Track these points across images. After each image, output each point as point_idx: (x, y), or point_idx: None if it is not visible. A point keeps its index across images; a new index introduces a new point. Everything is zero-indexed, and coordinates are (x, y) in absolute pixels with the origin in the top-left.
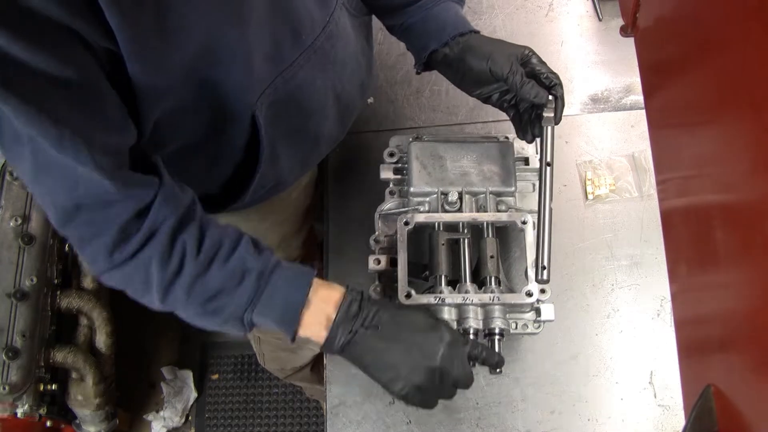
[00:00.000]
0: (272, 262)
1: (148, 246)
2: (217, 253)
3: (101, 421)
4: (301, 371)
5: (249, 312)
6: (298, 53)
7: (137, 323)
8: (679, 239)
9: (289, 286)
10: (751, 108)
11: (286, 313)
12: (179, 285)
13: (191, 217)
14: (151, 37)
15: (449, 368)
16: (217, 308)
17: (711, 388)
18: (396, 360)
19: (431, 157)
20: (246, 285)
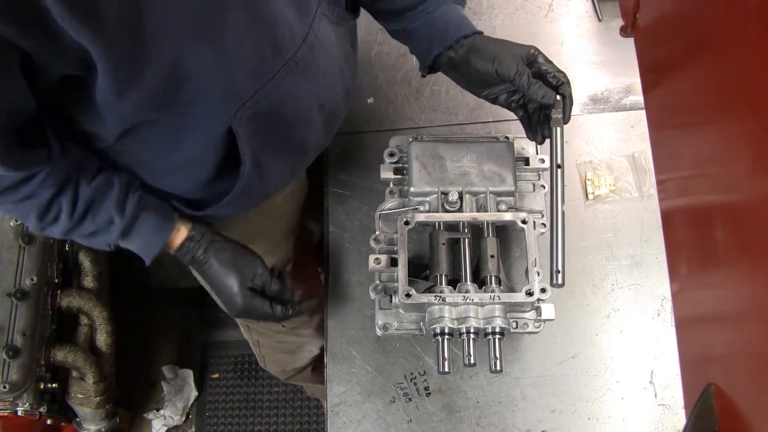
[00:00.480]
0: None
1: (27, 202)
2: (88, 211)
3: (101, 420)
4: (302, 372)
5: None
6: (279, 66)
7: (138, 322)
8: (679, 239)
9: (150, 238)
10: (751, 108)
11: (145, 252)
12: (54, 230)
13: (70, 180)
14: (122, 52)
15: (251, 314)
16: (87, 239)
17: (712, 387)
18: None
19: (431, 157)
20: (113, 233)
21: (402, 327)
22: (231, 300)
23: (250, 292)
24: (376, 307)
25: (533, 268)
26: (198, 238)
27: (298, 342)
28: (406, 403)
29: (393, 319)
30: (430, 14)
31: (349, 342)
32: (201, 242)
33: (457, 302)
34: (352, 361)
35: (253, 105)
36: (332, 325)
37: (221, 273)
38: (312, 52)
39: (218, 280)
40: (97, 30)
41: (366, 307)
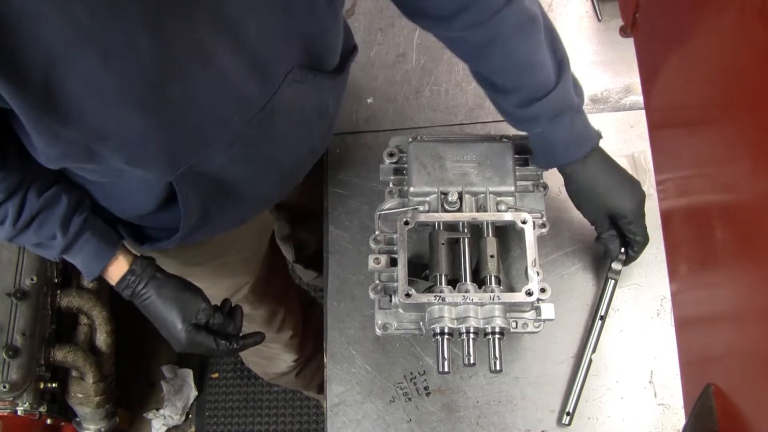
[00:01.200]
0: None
1: None
2: (31, 223)
3: (101, 420)
4: (284, 376)
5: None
6: (228, 136)
7: (137, 322)
8: (679, 239)
9: (90, 260)
10: (751, 108)
11: (86, 272)
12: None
13: (20, 188)
14: (41, 113)
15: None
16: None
17: (711, 387)
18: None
19: (431, 157)
20: (54, 248)
21: (402, 327)
22: (174, 336)
23: (193, 328)
24: (376, 307)
25: (533, 268)
26: (139, 272)
27: (271, 352)
28: (405, 402)
29: (392, 318)
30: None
31: (349, 342)
32: (142, 276)
33: (456, 302)
34: (352, 360)
35: (195, 167)
36: (332, 325)
37: (163, 310)
38: (271, 117)
39: (160, 316)
40: (17, 89)
41: (365, 306)
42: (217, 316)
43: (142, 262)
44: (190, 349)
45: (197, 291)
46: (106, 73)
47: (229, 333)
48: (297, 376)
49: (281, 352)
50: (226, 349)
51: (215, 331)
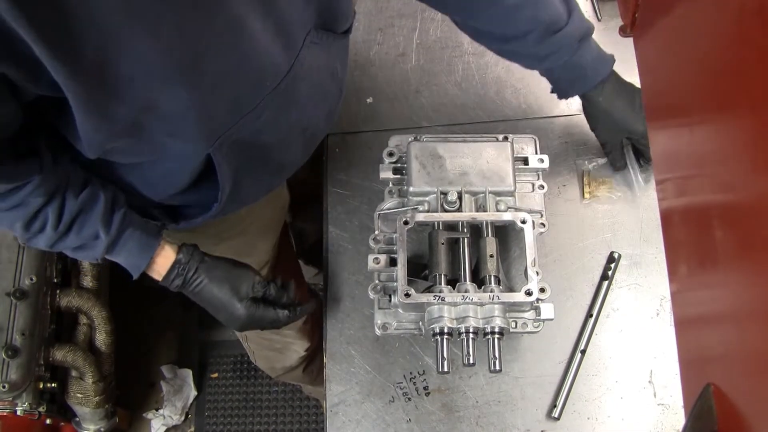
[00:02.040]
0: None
1: (14, 211)
2: (73, 224)
3: (101, 419)
4: (292, 371)
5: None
6: (259, 99)
7: (137, 322)
8: (678, 239)
9: (135, 254)
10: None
11: (131, 269)
12: (40, 241)
13: (58, 192)
14: (94, 92)
15: (256, 323)
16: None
17: (711, 387)
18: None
19: (430, 157)
20: (98, 247)
21: (401, 327)
22: (233, 315)
23: (251, 303)
24: (375, 307)
25: (532, 268)
26: (186, 259)
27: (283, 341)
28: (405, 402)
29: (392, 318)
30: (565, 62)
31: (349, 341)
32: (190, 263)
33: (456, 302)
34: (351, 360)
35: (234, 133)
36: (331, 325)
37: (218, 292)
38: (296, 82)
39: (216, 299)
40: (72, 69)
41: (365, 306)
42: (272, 287)
43: (188, 249)
44: (251, 325)
45: (247, 266)
46: (154, 47)
47: (285, 303)
48: (304, 371)
49: (294, 340)
50: (286, 318)
51: (272, 302)
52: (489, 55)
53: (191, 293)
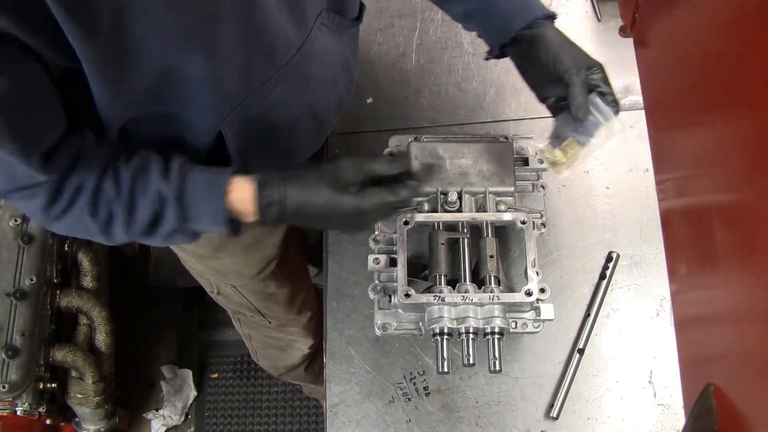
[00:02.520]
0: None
1: (76, 202)
2: (134, 192)
3: (101, 420)
4: (294, 370)
5: (184, 225)
6: (270, 74)
7: (137, 322)
8: (678, 239)
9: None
10: (751, 108)
11: (215, 221)
12: (117, 227)
13: (108, 167)
14: (110, 59)
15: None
16: (155, 232)
17: (711, 387)
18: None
19: (431, 157)
20: (169, 210)
21: (401, 327)
22: (345, 214)
23: (358, 189)
24: (375, 307)
25: (532, 269)
26: (267, 181)
27: (287, 339)
28: (405, 403)
29: (392, 319)
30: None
31: (348, 342)
32: (274, 183)
33: (456, 302)
34: (351, 360)
35: (243, 110)
36: (331, 325)
37: (316, 197)
38: (306, 61)
39: (318, 207)
40: (88, 34)
41: (365, 306)
42: (378, 162)
43: (264, 173)
44: (373, 217)
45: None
46: (168, 13)
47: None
48: (306, 369)
49: (299, 337)
50: (407, 192)
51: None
52: None
53: (293, 216)
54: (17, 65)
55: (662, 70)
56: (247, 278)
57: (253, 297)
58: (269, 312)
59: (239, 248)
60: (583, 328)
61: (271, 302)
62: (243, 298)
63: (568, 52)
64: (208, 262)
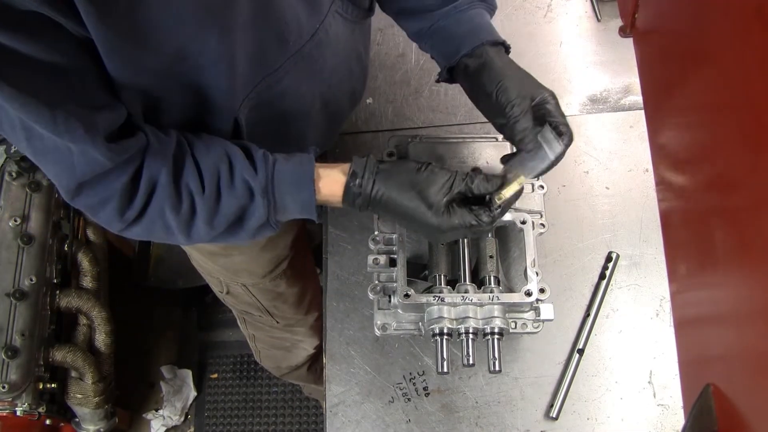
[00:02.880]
0: (270, 171)
1: (154, 199)
2: (219, 183)
3: (100, 420)
4: (297, 370)
5: (272, 218)
6: (284, 59)
7: (137, 322)
8: (678, 239)
9: (296, 190)
10: (750, 108)
11: (303, 209)
12: (199, 222)
13: (183, 157)
14: (124, 38)
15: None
16: (241, 227)
17: (710, 387)
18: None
19: (430, 157)
20: (257, 201)
21: (401, 327)
22: (428, 226)
23: (445, 208)
24: (375, 308)
25: (532, 269)
26: (360, 173)
27: (293, 339)
28: (405, 403)
29: (392, 319)
30: (461, 13)
31: (348, 342)
32: (366, 178)
33: (456, 302)
34: (351, 361)
35: (256, 96)
36: (331, 325)
37: (404, 201)
38: (320, 48)
39: (404, 210)
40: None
41: (365, 307)
42: (468, 181)
43: (359, 161)
44: (452, 235)
45: (433, 167)
46: None
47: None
48: (309, 369)
49: (305, 337)
50: (489, 218)
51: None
52: None
53: (380, 210)
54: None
55: (662, 71)
56: (258, 277)
57: (263, 296)
58: (278, 312)
59: (252, 247)
60: (582, 329)
61: (280, 302)
62: (252, 297)
63: (513, 82)
64: (219, 261)
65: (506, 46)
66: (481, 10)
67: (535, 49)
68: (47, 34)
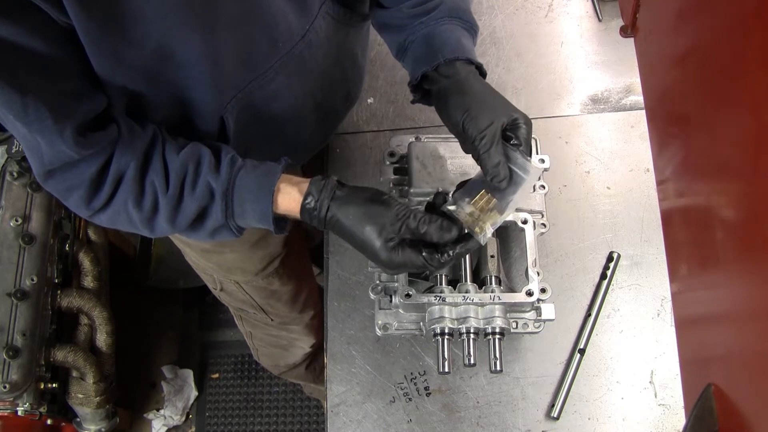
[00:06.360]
0: (233, 176)
1: (119, 191)
2: (184, 184)
3: (101, 420)
4: (295, 369)
5: (230, 221)
6: (273, 60)
7: (138, 322)
8: (679, 239)
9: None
10: (751, 108)
11: (261, 219)
12: (160, 219)
13: (153, 154)
14: (106, 30)
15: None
16: (200, 226)
17: (712, 387)
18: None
19: (431, 157)
20: (216, 203)
21: (402, 327)
22: (375, 256)
23: (394, 244)
24: (376, 307)
25: (533, 269)
26: (316, 196)
27: (289, 338)
28: (406, 403)
29: (393, 319)
30: (430, 27)
31: (349, 342)
32: (321, 199)
33: (457, 302)
34: (352, 361)
35: (245, 96)
36: (332, 325)
37: (355, 231)
38: (311, 49)
39: (356, 239)
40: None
41: (366, 307)
42: (421, 219)
43: (317, 183)
44: (401, 271)
45: (388, 199)
46: None
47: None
48: (307, 368)
49: (301, 336)
50: (438, 263)
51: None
52: (489, 55)
53: (334, 232)
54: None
55: (663, 70)
56: (250, 275)
57: (257, 294)
58: (272, 309)
59: (243, 244)
60: (583, 328)
61: (274, 300)
62: (246, 295)
63: (483, 109)
64: (211, 258)
65: (478, 66)
66: (453, 26)
67: (536, 49)
68: (29, 19)
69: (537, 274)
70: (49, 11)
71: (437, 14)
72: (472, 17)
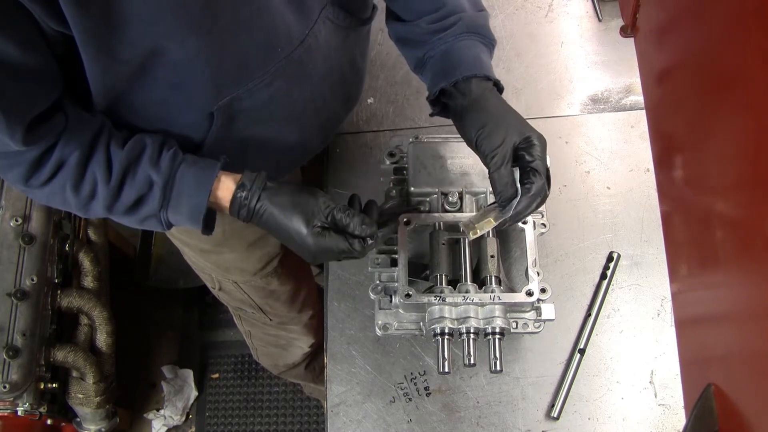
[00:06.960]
0: (173, 170)
1: (59, 175)
2: (125, 174)
3: (101, 420)
4: (294, 368)
5: (163, 213)
6: (272, 64)
7: (138, 322)
8: (679, 239)
9: (193, 192)
10: (751, 108)
11: (192, 216)
12: (96, 205)
13: (98, 144)
14: (101, 29)
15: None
16: (134, 213)
17: (712, 387)
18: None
19: (431, 157)
20: (155, 193)
21: (402, 327)
22: (302, 245)
23: (320, 231)
24: (376, 307)
25: (533, 269)
26: (248, 186)
27: (288, 337)
28: (406, 403)
29: (393, 319)
30: (448, 44)
31: (349, 342)
32: (253, 190)
33: (457, 302)
34: (352, 361)
35: (242, 100)
36: (332, 325)
37: (283, 219)
38: (310, 53)
39: (283, 227)
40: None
41: (366, 307)
42: (345, 212)
43: (249, 175)
44: (323, 257)
45: (315, 191)
46: None
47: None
48: (306, 368)
49: (300, 335)
50: (361, 248)
51: (346, 230)
52: None
53: (259, 223)
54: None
55: (663, 70)
56: (249, 274)
57: (255, 294)
58: (271, 309)
59: (242, 244)
60: (583, 328)
61: (272, 299)
62: (244, 294)
63: (496, 127)
64: (210, 257)
65: (496, 83)
66: (471, 42)
67: (536, 49)
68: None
69: (537, 274)
70: (41, 14)
71: (456, 30)
72: (490, 32)
